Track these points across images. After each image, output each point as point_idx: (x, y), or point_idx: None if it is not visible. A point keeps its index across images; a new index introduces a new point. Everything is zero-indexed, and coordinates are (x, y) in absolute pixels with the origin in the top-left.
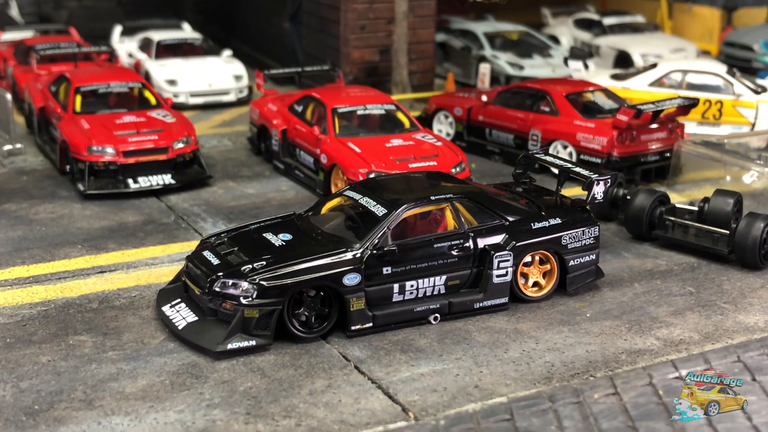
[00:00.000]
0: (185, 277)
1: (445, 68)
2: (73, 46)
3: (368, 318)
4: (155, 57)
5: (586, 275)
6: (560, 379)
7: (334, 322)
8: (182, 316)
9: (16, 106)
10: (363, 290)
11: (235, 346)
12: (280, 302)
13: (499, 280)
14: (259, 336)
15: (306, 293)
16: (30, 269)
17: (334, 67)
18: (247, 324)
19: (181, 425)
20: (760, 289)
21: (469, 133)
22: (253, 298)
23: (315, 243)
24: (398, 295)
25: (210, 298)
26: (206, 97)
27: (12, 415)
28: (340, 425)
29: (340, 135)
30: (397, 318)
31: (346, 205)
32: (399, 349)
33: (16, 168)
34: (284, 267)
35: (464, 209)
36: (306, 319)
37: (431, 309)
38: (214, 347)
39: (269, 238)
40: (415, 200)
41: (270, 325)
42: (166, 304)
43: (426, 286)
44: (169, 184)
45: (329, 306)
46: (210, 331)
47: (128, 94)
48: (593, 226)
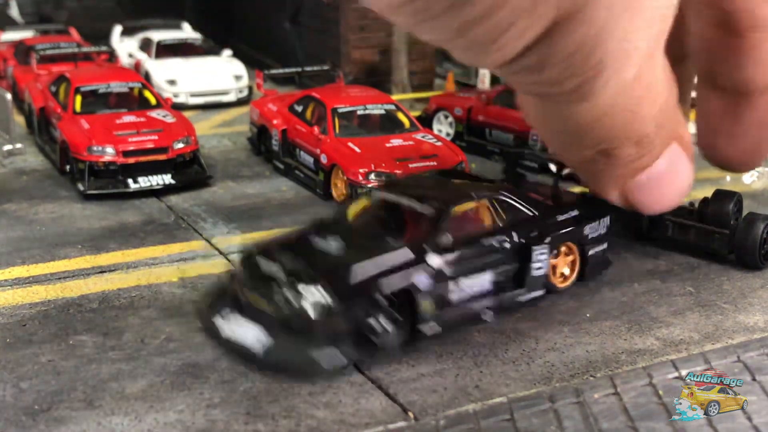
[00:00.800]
0: (240, 290)
1: (445, 68)
2: (73, 46)
3: (437, 320)
4: (155, 57)
5: (601, 264)
6: (560, 379)
7: (406, 326)
8: (252, 336)
9: (16, 106)
10: (432, 292)
11: (328, 361)
12: (364, 311)
13: (538, 273)
14: (344, 347)
15: (379, 299)
16: (30, 269)
17: (334, 67)
18: (332, 336)
19: (181, 425)
20: (760, 289)
21: (469, 133)
22: (334, 308)
23: (372, 247)
24: (456, 295)
25: (284, 311)
26: (206, 97)
27: (12, 415)
28: (340, 425)
29: (340, 135)
30: (459, 317)
31: (380, 207)
32: (399, 349)
33: (16, 168)
34: (357, 274)
35: (499, 205)
36: (380, 325)
37: (485, 306)
38: (305, 365)
39: (323, 246)
40: (461, 197)
41: (354, 335)
42: (220, 323)
43: (478, 284)
44: (169, 184)
45: (401, 310)
46: (292, 347)
47: (128, 94)
48: (605, 216)
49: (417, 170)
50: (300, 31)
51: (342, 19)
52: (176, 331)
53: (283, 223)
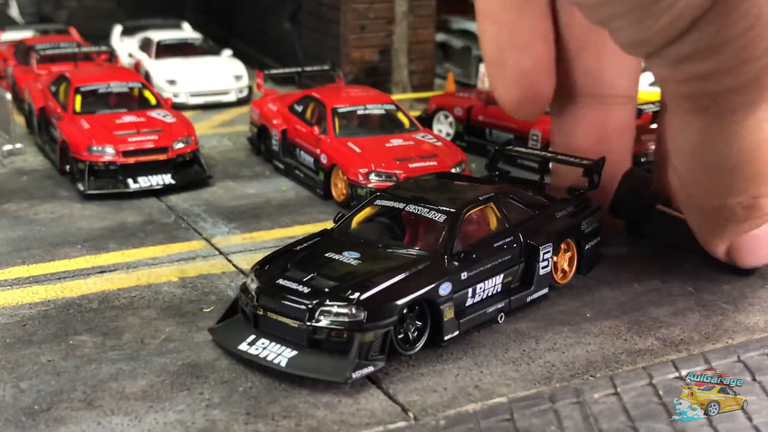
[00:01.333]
0: (262, 310)
1: (445, 68)
2: (73, 46)
3: (456, 326)
4: (155, 57)
5: (595, 258)
6: (560, 379)
7: (428, 334)
8: (275, 352)
9: (16, 106)
10: (452, 299)
11: (358, 375)
12: (391, 322)
13: (543, 271)
14: (376, 360)
15: (404, 310)
16: (30, 269)
17: (334, 67)
18: (364, 349)
19: (181, 425)
20: (760, 289)
21: (469, 133)
22: (365, 322)
23: (389, 258)
24: (471, 299)
25: (314, 328)
26: (206, 97)
27: (12, 415)
28: (340, 425)
29: (340, 135)
30: (475, 322)
31: (383, 215)
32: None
33: (16, 168)
34: (383, 286)
35: (504, 205)
36: (405, 335)
37: (498, 309)
38: (339, 378)
39: (339, 258)
40: (471, 201)
41: (385, 347)
42: (241, 343)
43: (490, 287)
44: (169, 184)
45: (423, 319)
46: (325, 363)
47: (128, 94)
48: (597, 210)
49: (417, 170)
50: (300, 31)
51: (342, 19)
52: (176, 331)
53: (283, 223)
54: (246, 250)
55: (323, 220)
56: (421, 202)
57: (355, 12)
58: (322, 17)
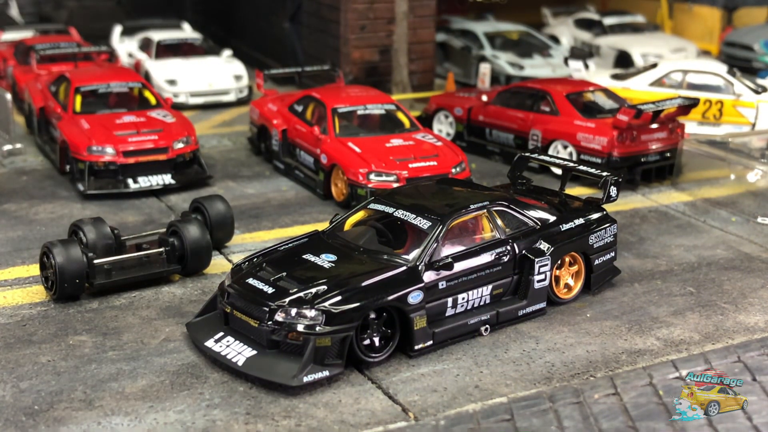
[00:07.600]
0: (229, 308)
1: (445, 68)
2: (73, 46)
3: (429, 336)
4: (155, 57)
5: (607, 273)
6: (560, 379)
7: (396, 342)
8: (236, 350)
9: (16, 106)
10: (424, 308)
11: (311, 379)
12: (351, 327)
13: (539, 285)
14: (332, 365)
15: (369, 316)
16: (30, 269)
17: (334, 67)
18: (320, 354)
19: (181, 425)
20: (760, 289)
21: (469, 133)
22: (323, 326)
23: (364, 262)
24: (451, 309)
25: (272, 329)
26: (206, 97)
27: (12, 415)
28: (340, 425)
29: (340, 135)
30: (453, 333)
31: (376, 218)
32: (399, 349)
33: (16, 168)
34: (347, 290)
35: (498, 215)
36: (370, 342)
37: (482, 320)
38: (291, 382)
39: (314, 260)
40: (458, 210)
41: (343, 353)
42: (208, 339)
43: (475, 298)
44: (169, 184)
45: (392, 327)
46: (279, 365)
47: (128, 94)
48: (612, 224)
49: (417, 170)
50: (300, 31)
51: (342, 19)
52: (176, 331)
53: (283, 223)
54: (246, 250)
55: (323, 220)
56: (411, 208)
57: (355, 12)
58: (322, 17)
